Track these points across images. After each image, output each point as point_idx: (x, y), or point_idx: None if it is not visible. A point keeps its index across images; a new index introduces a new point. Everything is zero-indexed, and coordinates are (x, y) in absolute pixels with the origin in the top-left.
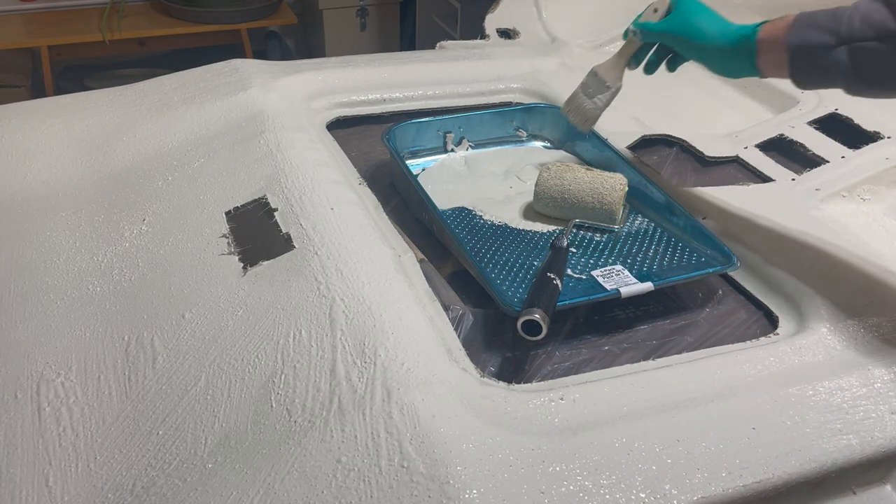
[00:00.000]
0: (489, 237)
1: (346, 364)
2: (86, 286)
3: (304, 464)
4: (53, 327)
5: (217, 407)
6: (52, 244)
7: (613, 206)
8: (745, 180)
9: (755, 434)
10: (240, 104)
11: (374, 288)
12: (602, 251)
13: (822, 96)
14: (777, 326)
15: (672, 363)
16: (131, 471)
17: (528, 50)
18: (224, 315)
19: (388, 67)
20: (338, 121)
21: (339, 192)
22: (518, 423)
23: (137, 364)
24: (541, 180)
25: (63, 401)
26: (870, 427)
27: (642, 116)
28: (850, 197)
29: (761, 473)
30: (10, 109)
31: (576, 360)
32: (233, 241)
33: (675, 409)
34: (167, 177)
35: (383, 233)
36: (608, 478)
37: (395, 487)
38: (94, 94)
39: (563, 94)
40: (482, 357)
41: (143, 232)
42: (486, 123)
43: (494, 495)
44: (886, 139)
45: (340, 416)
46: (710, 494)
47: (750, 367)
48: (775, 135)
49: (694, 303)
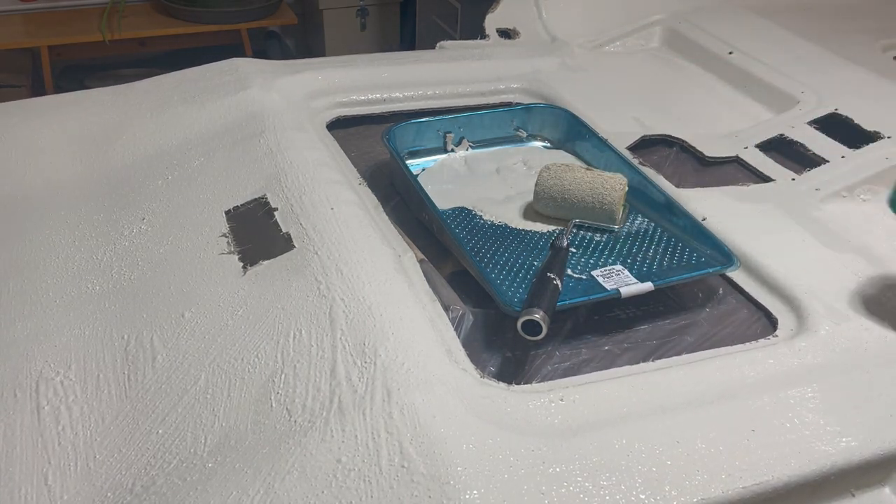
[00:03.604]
0: (489, 237)
1: (346, 364)
2: (85, 285)
3: (304, 464)
4: (53, 326)
5: (217, 406)
6: (52, 243)
7: (613, 206)
8: (745, 180)
9: (755, 436)
10: (240, 104)
11: (374, 288)
12: (602, 251)
13: (822, 96)
14: (777, 327)
15: (672, 365)
16: (131, 470)
17: (528, 50)
18: (224, 315)
19: (388, 67)
20: (338, 121)
21: (339, 192)
22: (518, 424)
23: (137, 363)
24: (541, 180)
25: (62, 399)
26: (869, 429)
27: (642, 116)
28: (850, 197)
29: (761, 475)
30: (10, 108)
31: (576, 360)
32: (233, 240)
33: (674, 410)
34: (167, 176)
35: (383, 233)
36: (608, 479)
37: (395, 487)
38: (94, 94)
39: (563, 94)
40: (482, 357)
41: (142, 231)
42: (486, 123)
43: (494, 496)
44: (886, 139)
45: (340, 416)
46: (709, 496)
47: (749, 369)
48: (775, 135)
49: (694, 303)
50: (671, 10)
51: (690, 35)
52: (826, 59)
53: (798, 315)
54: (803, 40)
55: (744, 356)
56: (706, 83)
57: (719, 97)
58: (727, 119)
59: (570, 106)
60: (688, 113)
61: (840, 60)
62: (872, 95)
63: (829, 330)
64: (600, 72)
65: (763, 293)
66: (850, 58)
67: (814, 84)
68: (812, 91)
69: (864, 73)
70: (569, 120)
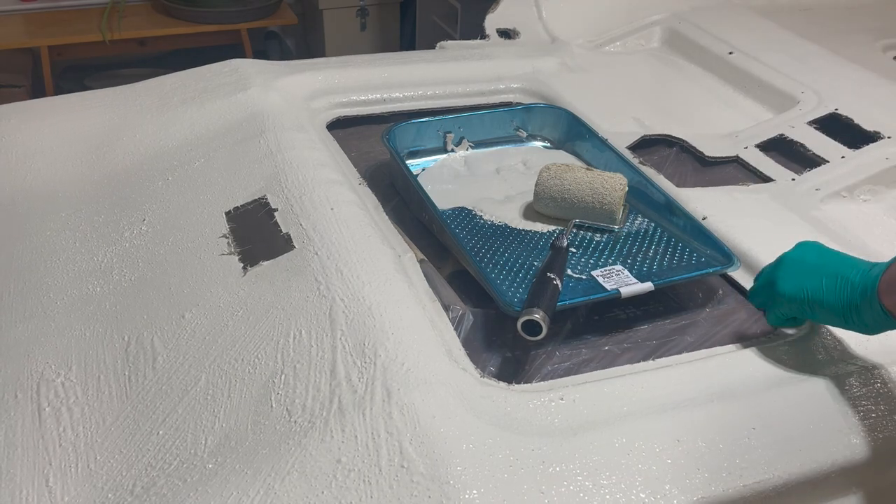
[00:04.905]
0: (489, 237)
1: (346, 364)
2: (86, 286)
3: (304, 464)
4: (53, 327)
5: (217, 407)
6: (52, 244)
7: (613, 206)
8: (745, 180)
9: (755, 434)
10: (240, 104)
11: (374, 288)
12: (602, 251)
13: (822, 96)
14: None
15: (672, 363)
16: (131, 471)
17: (528, 50)
18: (224, 315)
19: (388, 67)
20: (338, 121)
21: (339, 192)
22: (518, 424)
23: (137, 364)
24: (541, 180)
25: (63, 401)
26: (870, 427)
27: (642, 116)
28: (850, 197)
29: (761, 473)
30: (10, 109)
31: (576, 360)
32: (233, 241)
33: (675, 409)
34: (167, 177)
35: (383, 233)
36: (608, 478)
37: (395, 488)
38: (94, 94)
39: (563, 94)
40: (482, 357)
41: (143, 232)
42: (486, 123)
43: (494, 495)
44: (886, 139)
45: (340, 417)
46: (710, 494)
47: (750, 368)
48: (775, 135)
49: (694, 303)
50: (671, 10)
51: (690, 35)
52: (826, 59)
53: None
54: (803, 40)
55: (744, 355)
56: (706, 83)
57: (719, 97)
58: (727, 119)
59: (570, 106)
60: (688, 113)
61: (840, 60)
62: (872, 95)
63: (829, 329)
64: (600, 72)
65: None
66: (850, 58)
67: (814, 84)
68: (812, 91)
69: (864, 73)
70: (569, 120)
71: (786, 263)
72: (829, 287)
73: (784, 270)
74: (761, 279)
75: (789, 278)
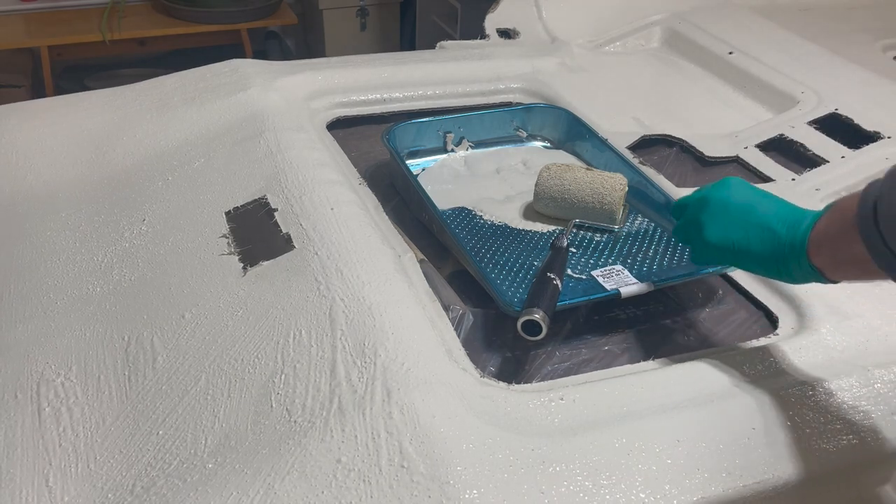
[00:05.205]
0: (489, 237)
1: (346, 364)
2: (86, 286)
3: (304, 464)
4: (53, 327)
5: (217, 407)
6: (52, 244)
7: (613, 206)
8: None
9: (755, 434)
10: (240, 104)
11: (374, 288)
12: (602, 251)
13: (822, 96)
14: (777, 326)
15: (672, 363)
16: (131, 471)
17: (528, 50)
18: (224, 315)
19: (388, 67)
20: (338, 121)
21: (339, 192)
22: (518, 424)
23: (137, 364)
24: (541, 180)
25: (63, 401)
26: (870, 427)
27: (642, 116)
28: None
29: (761, 474)
30: (10, 109)
31: (576, 360)
32: (233, 241)
33: (675, 409)
34: (167, 177)
35: (383, 233)
36: (608, 478)
37: (395, 487)
38: (94, 94)
39: (563, 94)
40: (482, 357)
41: (143, 232)
42: (486, 123)
43: (494, 495)
44: (886, 139)
45: (340, 416)
46: (709, 495)
47: (750, 368)
48: (775, 135)
49: (694, 303)
50: (671, 10)
51: (690, 35)
52: (826, 59)
53: (798, 314)
54: (803, 40)
55: (744, 355)
56: (706, 83)
57: (719, 97)
58: (727, 119)
59: (570, 106)
60: (688, 113)
61: (840, 60)
62: (872, 95)
63: (829, 329)
64: (600, 72)
65: (763, 292)
66: (850, 58)
67: (814, 84)
68: (812, 91)
69: (864, 73)
70: (569, 120)
71: (711, 205)
72: (755, 239)
73: (709, 215)
74: (686, 217)
75: (715, 225)
